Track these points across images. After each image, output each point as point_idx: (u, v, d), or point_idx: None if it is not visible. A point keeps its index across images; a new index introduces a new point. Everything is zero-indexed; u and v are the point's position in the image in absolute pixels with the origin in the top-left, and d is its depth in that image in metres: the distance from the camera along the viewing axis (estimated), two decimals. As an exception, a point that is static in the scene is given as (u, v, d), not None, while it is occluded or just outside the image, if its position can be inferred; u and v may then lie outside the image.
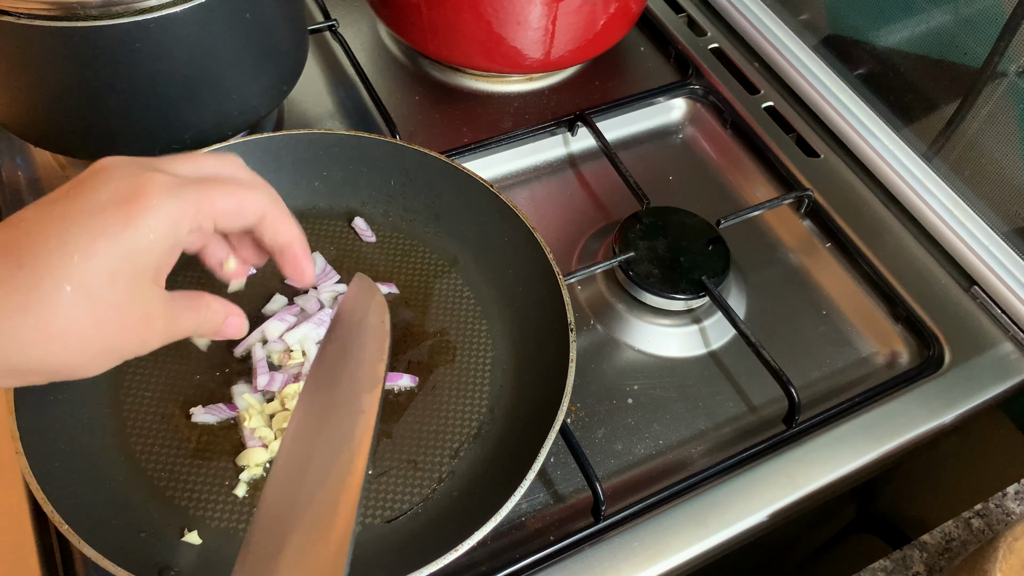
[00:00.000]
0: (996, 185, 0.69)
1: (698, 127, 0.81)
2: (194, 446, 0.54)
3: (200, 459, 0.54)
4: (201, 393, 0.56)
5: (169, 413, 0.55)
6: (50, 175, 0.70)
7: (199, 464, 0.53)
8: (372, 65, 0.82)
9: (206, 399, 0.56)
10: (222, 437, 0.55)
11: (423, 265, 0.64)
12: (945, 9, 0.70)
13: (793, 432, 0.59)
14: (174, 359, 0.58)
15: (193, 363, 0.58)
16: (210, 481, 0.53)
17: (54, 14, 0.52)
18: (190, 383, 0.57)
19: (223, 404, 0.55)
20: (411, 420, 0.56)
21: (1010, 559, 0.47)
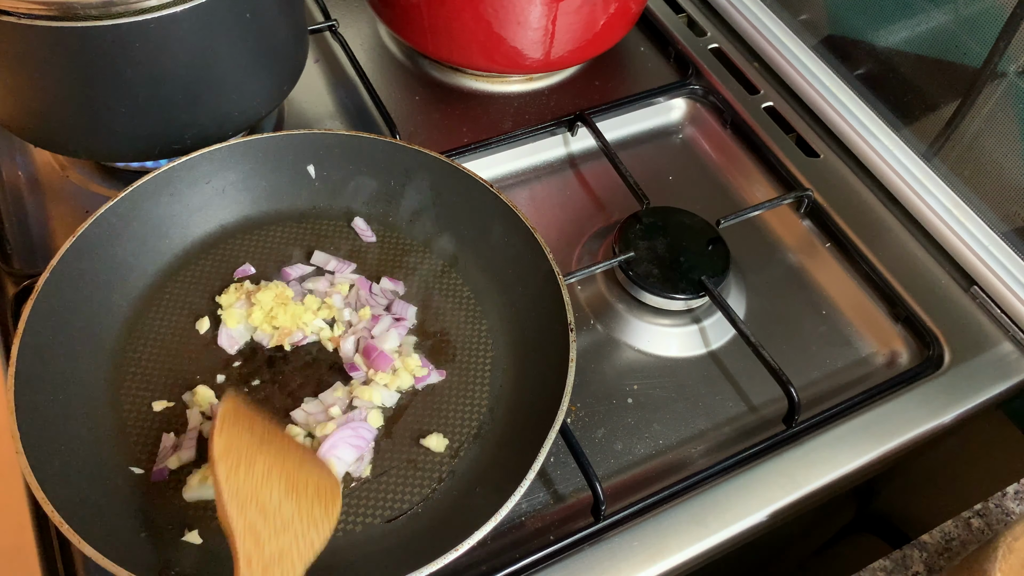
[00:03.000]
0: (996, 185, 0.69)
1: (698, 127, 0.81)
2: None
3: (200, 458, 0.54)
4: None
5: (169, 413, 0.55)
6: (50, 175, 0.70)
7: (199, 464, 0.53)
8: (372, 65, 0.82)
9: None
10: (222, 437, 0.55)
11: (423, 265, 0.64)
12: (945, 9, 0.70)
13: (793, 432, 0.59)
14: (174, 359, 0.58)
15: (194, 363, 0.58)
16: (210, 481, 0.53)
17: (54, 14, 0.52)
18: (191, 383, 0.57)
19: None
20: (411, 420, 0.56)
21: (1010, 559, 0.47)
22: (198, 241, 0.63)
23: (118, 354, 0.57)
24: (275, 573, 0.39)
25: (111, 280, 0.58)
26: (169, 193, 0.61)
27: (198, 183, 0.62)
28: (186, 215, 0.62)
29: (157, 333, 0.59)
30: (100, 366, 0.56)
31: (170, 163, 0.60)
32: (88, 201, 0.68)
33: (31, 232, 0.66)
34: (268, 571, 0.39)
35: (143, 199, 0.60)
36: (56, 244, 0.65)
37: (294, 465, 0.46)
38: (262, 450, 0.45)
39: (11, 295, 0.61)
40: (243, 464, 0.44)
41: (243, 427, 0.46)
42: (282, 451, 0.47)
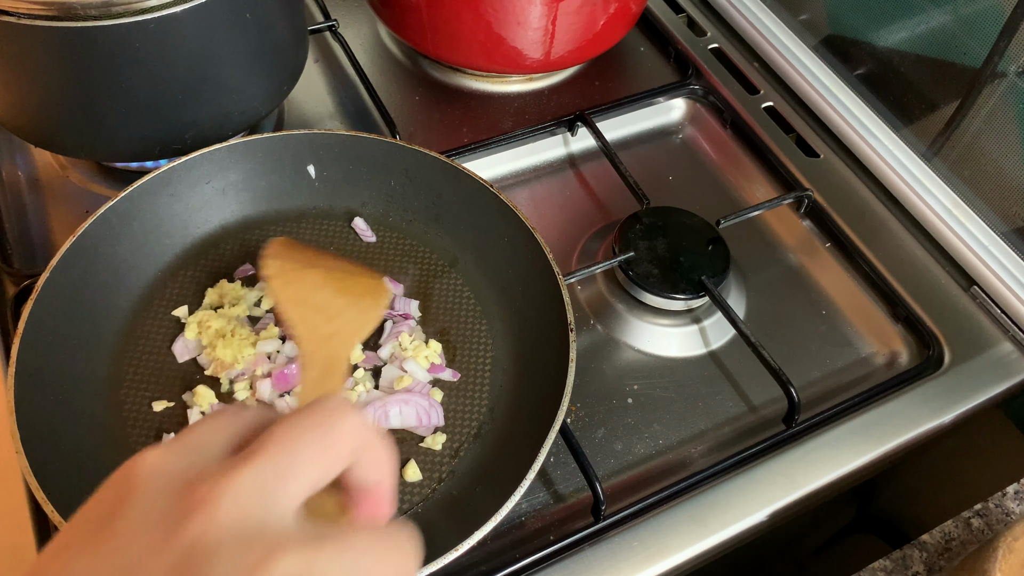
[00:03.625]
0: (996, 185, 0.69)
1: (698, 127, 0.81)
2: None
3: (200, 459, 0.54)
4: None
5: (170, 413, 0.55)
6: (50, 175, 0.70)
7: (199, 464, 0.53)
8: (372, 65, 0.82)
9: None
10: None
11: (423, 265, 0.64)
12: (945, 9, 0.70)
13: (793, 432, 0.59)
14: (174, 359, 0.58)
15: (194, 363, 0.58)
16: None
17: (54, 14, 0.52)
18: (191, 383, 0.57)
19: (224, 405, 0.56)
20: (411, 420, 0.56)
21: (1010, 559, 0.47)
22: (198, 241, 0.63)
23: (118, 354, 0.57)
24: (330, 346, 0.43)
25: (111, 280, 0.58)
26: (169, 193, 0.61)
27: (198, 183, 0.62)
28: (186, 215, 0.62)
29: (157, 333, 0.59)
30: (100, 366, 0.56)
31: (170, 163, 0.60)
32: (88, 201, 0.68)
33: (31, 232, 0.66)
34: (324, 344, 0.43)
35: (143, 199, 0.60)
36: (56, 244, 0.65)
37: (342, 274, 0.51)
38: (311, 269, 0.50)
39: (11, 295, 0.61)
40: (293, 280, 0.49)
41: (291, 253, 0.52)
42: (330, 266, 0.51)
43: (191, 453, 0.26)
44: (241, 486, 0.24)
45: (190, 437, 0.27)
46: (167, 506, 0.24)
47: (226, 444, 0.27)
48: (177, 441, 0.27)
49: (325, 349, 0.43)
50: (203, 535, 0.23)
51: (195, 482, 0.25)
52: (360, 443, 0.28)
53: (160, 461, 0.26)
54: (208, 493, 0.24)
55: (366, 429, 0.28)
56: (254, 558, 0.23)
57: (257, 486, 0.24)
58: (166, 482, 0.25)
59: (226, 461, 0.25)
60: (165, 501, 0.24)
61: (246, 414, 0.29)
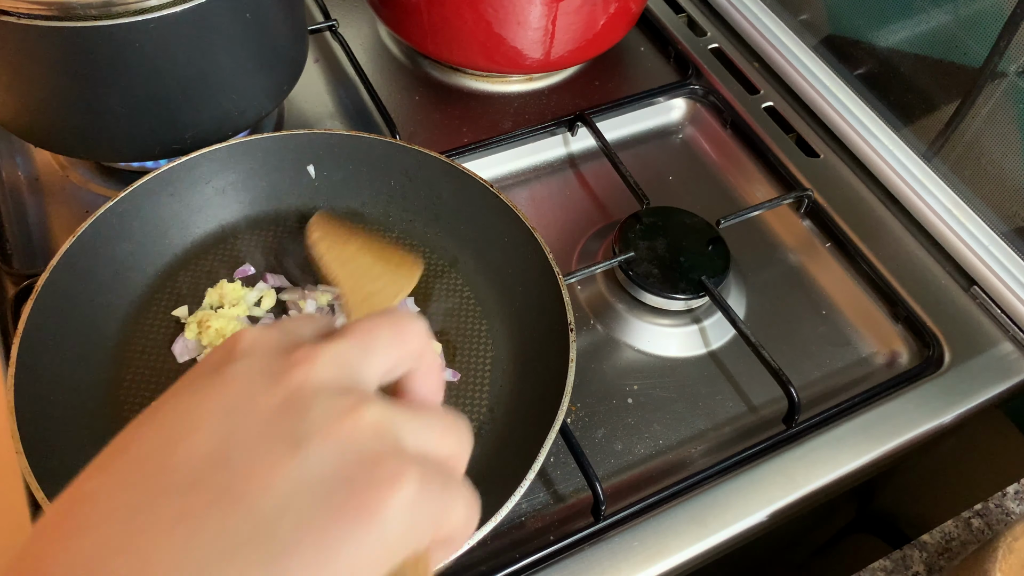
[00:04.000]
0: (996, 185, 0.69)
1: (698, 127, 0.81)
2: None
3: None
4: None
5: (169, 413, 0.55)
6: (50, 175, 0.70)
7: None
8: (372, 65, 0.82)
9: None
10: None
11: (423, 265, 0.64)
12: (945, 9, 0.70)
13: (793, 432, 0.59)
14: (174, 359, 0.58)
15: (194, 363, 0.58)
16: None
17: (54, 14, 0.52)
18: (190, 383, 0.57)
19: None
20: (411, 420, 0.56)
21: (1010, 559, 0.47)
22: (198, 241, 0.63)
23: (118, 354, 0.57)
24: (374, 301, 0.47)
25: (111, 280, 0.58)
26: (169, 193, 0.61)
27: (198, 183, 0.62)
28: (186, 215, 0.62)
29: (157, 333, 0.59)
30: (100, 366, 0.56)
31: (170, 163, 0.60)
32: (88, 201, 0.68)
33: (31, 232, 0.66)
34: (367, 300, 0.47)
35: (143, 199, 0.60)
36: (56, 244, 0.65)
37: (380, 246, 0.54)
38: (351, 239, 0.53)
39: (11, 295, 0.61)
40: (337, 244, 0.52)
41: (334, 226, 0.55)
42: (368, 240, 0.54)
43: (286, 334, 0.30)
44: (334, 353, 0.28)
45: (283, 324, 0.31)
46: (271, 362, 0.28)
47: (315, 332, 0.31)
48: (273, 324, 0.31)
49: (367, 304, 0.46)
50: (305, 381, 0.27)
51: (294, 346, 0.29)
52: (423, 348, 0.32)
53: (260, 334, 0.30)
54: (307, 354, 0.28)
55: (428, 338, 0.32)
56: (348, 403, 0.26)
57: (346, 354, 0.28)
58: (268, 347, 0.29)
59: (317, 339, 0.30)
60: (269, 359, 0.28)
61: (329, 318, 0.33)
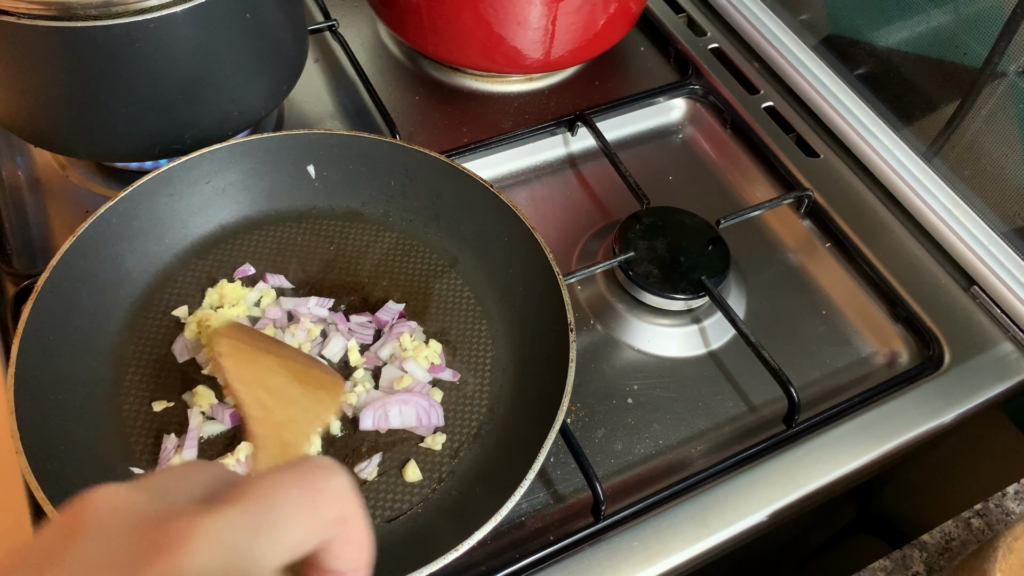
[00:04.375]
0: (996, 185, 0.69)
1: (698, 127, 0.81)
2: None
3: (201, 458, 0.54)
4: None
5: (170, 413, 0.55)
6: (50, 175, 0.70)
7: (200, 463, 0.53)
8: (372, 65, 0.82)
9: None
10: (222, 436, 0.55)
11: (423, 265, 0.64)
12: (945, 9, 0.70)
13: (793, 432, 0.59)
14: (174, 359, 0.58)
15: (194, 363, 0.58)
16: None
17: (54, 14, 0.52)
18: (191, 383, 0.57)
19: (224, 405, 0.56)
20: (411, 420, 0.56)
21: (1010, 559, 0.47)
22: (198, 241, 0.63)
23: (118, 354, 0.57)
24: (285, 432, 0.41)
25: (111, 280, 0.58)
26: (169, 193, 0.61)
27: (198, 183, 0.62)
28: (186, 215, 0.62)
29: (157, 333, 0.59)
30: (100, 366, 0.56)
31: (170, 163, 0.60)
32: (88, 201, 0.68)
33: (31, 232, 0.66)
34: (278, 429, 0.41)
35: (143, 199, 0.60)
36: (56, 244, 0.65)
37: (299, 365, 0.49)
38: (264, 353, 0.48)
39: (11, 295, 0.61)
40: (247, 361, 0.46)
41: (245, 337, 0.49)
42: (284, 355, 0.49)
43: (158, 493, 0.23)
44: (218, 529, 0.21)
45: (158, 478, 0.24)
46: (129, 544, 0.21)
47: (198, 491, 0.24)
48: (143, 480, 0.24)
49: (279, 434, 0.41)
50: (172, 574, 0.20)
51: (166, 519, 0.21)
52: (345, 512, 0.25)
53: (122, 495, 0.22)
54: (182, 532, 0.21)
55: (352, 498, 0.25)
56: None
57: (235, 532, 0.21)
58: (128, 518, 0.22)
59: (197, 506, 0.22)
60: (126, 538, 0.21)
61: (221, 467, 0.26)
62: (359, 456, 0.54)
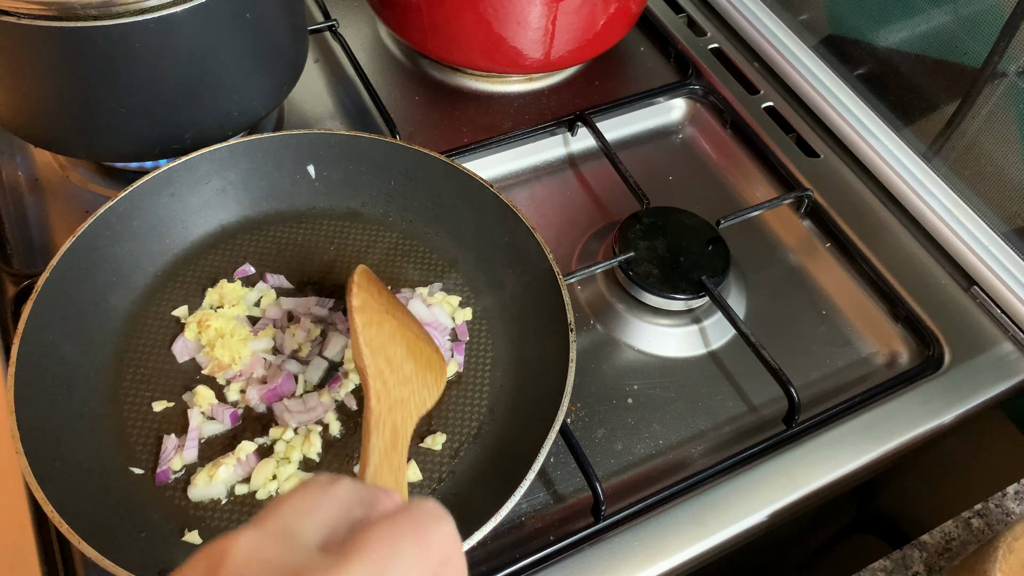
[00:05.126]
0: (996, 185, 0.69)
1: (698, 127, 0.81)
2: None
3: (203, 458, 0.54)
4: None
5: (170, 413, 0.55)
6: (50, 175, 0.70)
7: (203, 463, 0.53)
8: (372, 65, 0.82)
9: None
10: (222, 436, 0.55)
11: (423, 265, 0.64)
12: (945, 9, 0.70)
13: (793, 432, 0.59)
14: (174, 359, 0.58)
15: (194, 363, 0.58)
16: (215, 479, 0.52)
17: (54, 14, 0.52)
18: (191, 383, 0.57)
19: (224, 405, 0.56)
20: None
21: (1010, 559, 0.47)
22: (198, 241, 0.63)
23: (118, 354, 0.57)
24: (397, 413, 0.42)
25: (111, 280, 0.58)
26: (169, 193, 0.61)
27: (198, 183, 0.62)
28: (186, 215, 0.62)
29: (157, 333, 0.59)
30: (100, 366, 0.56)
31: (170, 163, 0.60)
32: (88, 201, 0.68)
33: (31, 232, 0.66)
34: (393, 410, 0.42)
35: (143, 199, 0.60)
36: (56, 244, 0.65)
37: (413, 335, 0.50)
38: (388, 315, 0.49)
39: (11, 295, 0.61)
40: (375, 322, 0.47)
41: (374, 291, 0.50)
42: (404, 321, 0.51)
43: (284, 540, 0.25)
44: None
45: (281, 520, 0.26)
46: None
47: (319, 531, 0.26)
48: (267, 522, 0.26)
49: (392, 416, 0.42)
50: None
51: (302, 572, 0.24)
52: (450, 555, 0.27)
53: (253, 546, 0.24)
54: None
55: (456, 542, 0.28)
56: None
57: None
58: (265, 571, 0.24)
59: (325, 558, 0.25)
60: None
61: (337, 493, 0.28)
62: (359, 456, 0.54)
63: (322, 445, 0.55)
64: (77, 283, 0.56)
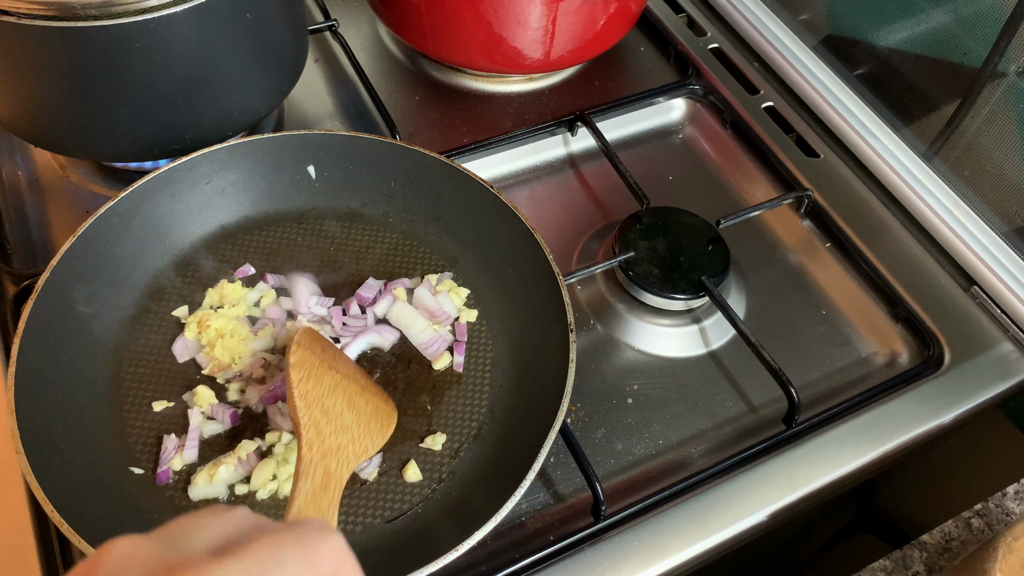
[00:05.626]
0: (996, 185, 0.69)
1: (698, 127, 0.81)
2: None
3: (203, 458, 0.54)
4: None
5: (170, 413, 0.55)
6: (50, 175, 0.70)
7: (203, 462, 0.53)
8: (372, 65, 0.82)
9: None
10: (222, 436, 0.55)
11: (423, 265, 0.64)
12: (945, 9, 0.70)
13: (793, 432, 0.59)
14: (174, 359, 0.58)
15: (194, 363, 0.58)
16: (215, 479, 0.52)
17: (54, 14, 0.52)
18: (191, 383, 0.57)
19: (224, 405, 0.56)
20: (411, 420, 0.56)
21: (1010, 559, 0.47)
22: (198, 241, 0.63)
23: (118, 354, 0.57)
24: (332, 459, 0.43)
25: (111, 280, 0.58)
26: (169, 193, 0.61)
27: (198, 183, 0.62)
28: (186, 215, 0.62)
29: (157, 333, 0.59)
30: (100, 366, 0.56)
31: (170, 163, 0.60)
32: (88, 201, 0.68)
33: (31, 232, 0.66)
34: (327, 456, 0.43)
35: (143, 199, 0.60)
36: (56, 244, 0.65)
37: (357, 388, 0.51)
38: (330, 370, 0.50)
39: (11, 295, 0.61)
40: (313, 376, 0.49)
41: (317, 348, 0.52)
42: (347, 376, 0.52)
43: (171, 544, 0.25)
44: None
45: (171, 529, 0.26)
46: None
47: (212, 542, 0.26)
48: (163, 529, 0.26)
49: (326, 462, 0.43)
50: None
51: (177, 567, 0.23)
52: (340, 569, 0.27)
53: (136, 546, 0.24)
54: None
55: (347, 557, 0.28)
56: None
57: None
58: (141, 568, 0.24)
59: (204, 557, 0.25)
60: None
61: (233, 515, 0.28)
62: (359, 456, 0.54)
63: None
64: (77, 283, 0.56)
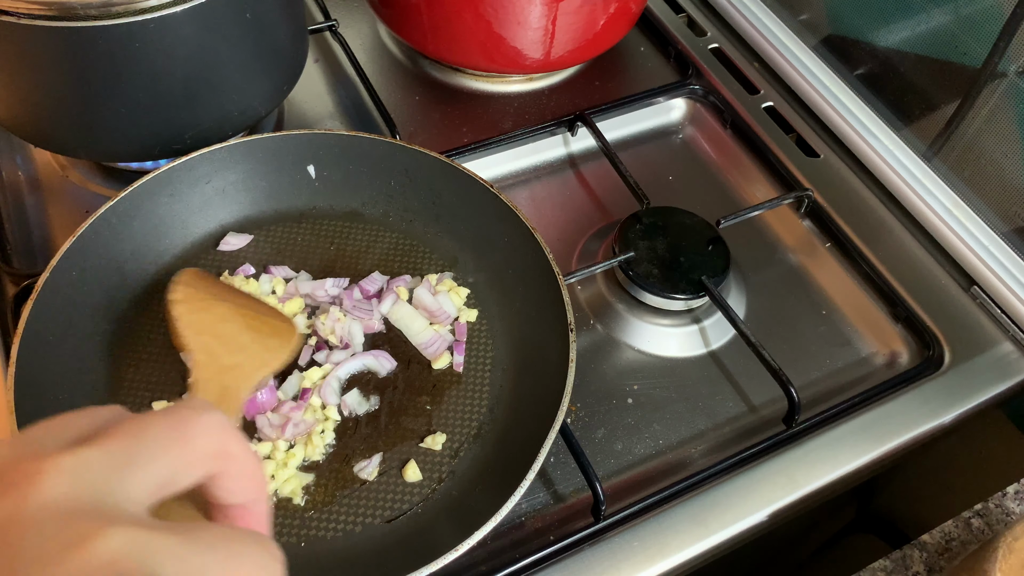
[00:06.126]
0: (996, 185, 0.69)
1: (698, 127, 0.81)
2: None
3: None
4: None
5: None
6: (50, 175, 0.70)
7: (199, 464, 0.53)
8: (372, 65, 0.82)
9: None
10: (222, 437, 0.55)
11: (423, 265, 0.64)
12: (945, 9, 0.70)
13: (793, 432, 0.59)
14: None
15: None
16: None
17: (54, 14, 0.52)
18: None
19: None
20: (411, 420, 0.56)
21: (1010, 559, 0.47)
22: (198, 241, 0.63)
23: (118, 354, 0.57)
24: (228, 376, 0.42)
25: (111, 280, 0.58)
26: (169, 193, 0.61)
27: (198, 183, 0.62)
28: (186, 215, 0.62)
29: (157, 333, 0.59)
30: (100, 366, 0.56)
31: (170, 163, 0.60)
32: (88, 201, 0.68)
33: (31, 232, 0.66)
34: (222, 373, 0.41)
35: (143, 199, 0.60)
36: (56, 244, 0.65)
37: (252, 312, 0.50)
38: (219, 301, 0.49)
39: (11, 295, 0.61)
40: (200, 308, 0.48)
41: (202, 285, 0.51)
42: (241, 303, 0.51)
43: (27, 443, 0.23)
44: (74, 466, 0.21)
45: (39, 427, 0.24)
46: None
47: (72, 436, 0.24)
48: (23, 432, 0.24)
49: (221, 378, 0.42)
50: (23, 506, 0.20)
51: (21, 459, 0.22)
52: (220, 448, 0.25)
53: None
54: (31, 469, 0.21)
55: (229, 433, 0.25)
56: (75, 533, 0.20)
57: (91, 466, 0.22)
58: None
59: (58, 447, 0.23)
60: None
61: (102, 410, 0.26)
62: (359, 456, 0.54)
63: (323, 446, 0.55)
64: (77, 283, 0.56)
